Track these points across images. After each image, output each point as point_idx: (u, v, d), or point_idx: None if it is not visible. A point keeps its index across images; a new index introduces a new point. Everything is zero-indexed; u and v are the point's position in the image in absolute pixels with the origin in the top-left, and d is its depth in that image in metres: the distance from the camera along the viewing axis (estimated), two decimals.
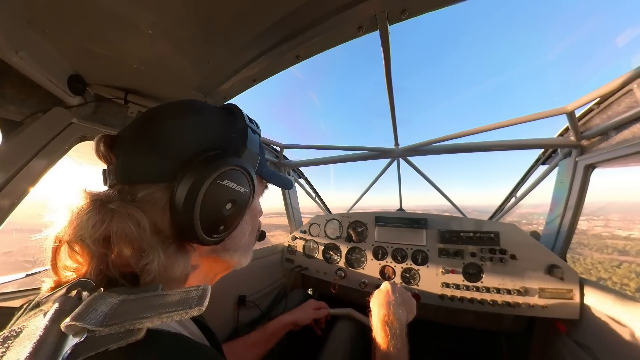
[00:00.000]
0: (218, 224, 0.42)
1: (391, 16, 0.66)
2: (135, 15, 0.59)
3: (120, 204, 0.36)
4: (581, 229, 15.02)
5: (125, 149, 0.40)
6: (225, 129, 0.46)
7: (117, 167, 0.39)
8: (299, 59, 0.81)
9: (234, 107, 0.50)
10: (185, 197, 0.37)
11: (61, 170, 0.85)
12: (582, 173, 1.18)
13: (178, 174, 0.38)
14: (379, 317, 0.74)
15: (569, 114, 1.07)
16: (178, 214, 0.38)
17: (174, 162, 0.38)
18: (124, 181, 0.39)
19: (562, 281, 1.13)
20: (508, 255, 1.26)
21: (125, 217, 0.35)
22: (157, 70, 0.82)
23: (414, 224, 1.52)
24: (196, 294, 0.32)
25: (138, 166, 0.39)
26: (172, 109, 0.44)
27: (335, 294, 1.54)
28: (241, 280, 1.42)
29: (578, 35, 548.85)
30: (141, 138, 0.40)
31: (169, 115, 0.42)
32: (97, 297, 0.29)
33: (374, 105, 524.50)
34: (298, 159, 2.01)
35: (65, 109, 0.80)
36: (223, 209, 0.42)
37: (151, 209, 0.38)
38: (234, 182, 0.42)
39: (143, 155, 0.39)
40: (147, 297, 0.31)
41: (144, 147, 0.39)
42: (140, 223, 0.35)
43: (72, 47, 0.70)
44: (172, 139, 0.40)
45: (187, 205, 0.37)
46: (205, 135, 0.42)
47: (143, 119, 0.43)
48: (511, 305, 1.19)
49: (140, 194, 0.38)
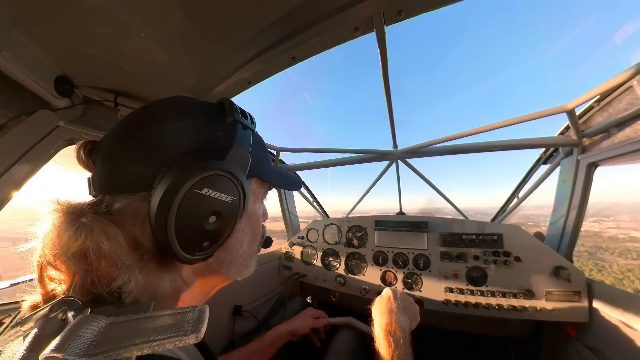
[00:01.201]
0: (200, 240, 0.38)
1: (387, 17, 0.66)
2: (126, 14, 0.58)
3: (93, 217, 0.33)
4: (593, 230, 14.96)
5: (102, 156, 0.38)
6: (212, 127, 0.41)
7: (96, 177, 0.38)
8: (294, 60, 0.81)
9: (224, 100, 0.44)
10: (157, 210, 0.33)
11: (51, 176, 0.83)
12: (585, 171, 1.18)
13: (155, 182, 0.34)
14: (381, 326, 0.71)
15: (569, 112, 1.08)
16: (153, 229, 0.34)
17: (152, 169, 0.34)
18: (100, 191, 0.37)
19: (569, 283, 1.11)
20: (512, 257, 1.25)
21: (99, 232, 0.32)
22: (149, 71, 0.81)
23: (415, 227, 1.50)
24: (192, 317, 0.29)
25: (115, 175, 0.36)
26: (153, 108, 0.40)
27: (335, 302, 1.52)
28: (237, 289, 1.39)
29: (576, 33, 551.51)
30: (118, 143, 0.38)
31: (148, 116, 0.39)
32: (82, 320, 0.27)
33: (371, 107, 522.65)
34: (295, 163, 2.00)
35: (52, 111, 0.79)
36: (205, 222, 0.37)
37: (130, 221, 0.35)
38: (216, 191, 0.37)
39: (120, 162, 0.36)
40: (138, 319, 0.28)
41: (121, 154, 0.37)
42: (115, 238, 0.33)
43: (59, 47, 0.69)
44: (151, 142, 0.36)
45: (159, 220, 0.33)
46: (187, 135, 0.38)
47: (122, 122, 0.40)
48: (517, 309, 1.17)
49: (117, 205, 0.35)
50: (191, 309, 0.30)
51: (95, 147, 0.40)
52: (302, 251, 1.80)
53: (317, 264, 1.71)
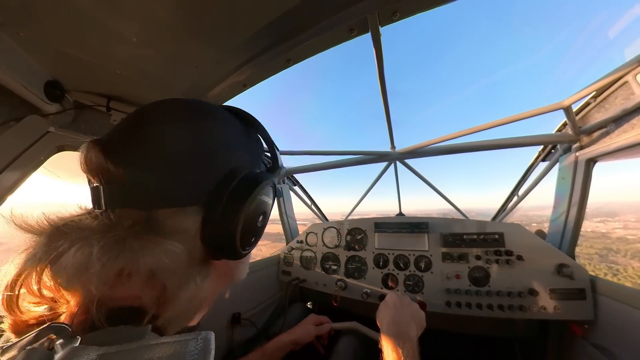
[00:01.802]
0: (252, 237, 0.41)
1: (382, 18, 0.66)
2: (117, 17, 0.57)
3: (147, 238, 0.30)
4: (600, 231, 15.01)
5: (140, 165, 0.33)
6: (251, 142, 0.45)
7: (128, 188, 0.33)
8: (290, 63, 0.81)
9: (252, 117, 0.47)
10: (234, 221, 0.35)
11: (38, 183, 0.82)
12: (584, 168, 1.19)
13: (216, 196, 0.35)
14: (389, 337, 0.70)
15: (566, 109, 1.09)
16: (219, 238, 0.36)
17: (209, 183, 0.35)
18: (143, 206, 0.33)
19: (572, 280, 1.11)
20: (514, 256, 1.24)
21: (158, 253, 0.30)
22: (142, 75, 0.80)
23: (415, 228, 1.50)
24: (195, 347, 0.26)
25: (164, 188, 0.33)
26: (194, 114, 0.38)
27: (336, 307, 1.50)
28: (235, 296, 1.37)
29: (570, 29, 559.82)
30: (162, 150, 0.34)
31: (193, 121, 0.37)
32: (70, 354, 0.24)
33: (368, 108, 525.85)
34: (292, 166, 1.99)
35: (42, 117, 0.78)
36: (257, 222, 0.41)
37: (182, 237, 0.33)
38: (267, 197, 0.42)
39: (169, 175, 0.33)
40: (132, 349, 0.26)
41: (169, 164, 0.33)
42: (176, 256, 0.31)
43: (49, 51, 0.68)
44: (205, 154, 0.36)
45: (234, 228, 0.36)
46: (235, 149, 0.41)
47: (153, 121, 0.36)
48: (522, 308, 1.16)
49: (168, 221, 0.33)
50: (193, 337, 0.27)
51: (112, 150, 0.33)
52: (302, 256, 1.78)
53: (317, 269, 1.70)
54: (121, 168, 0.33)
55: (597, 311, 1.06)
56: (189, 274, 0.34)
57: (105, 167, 0.33)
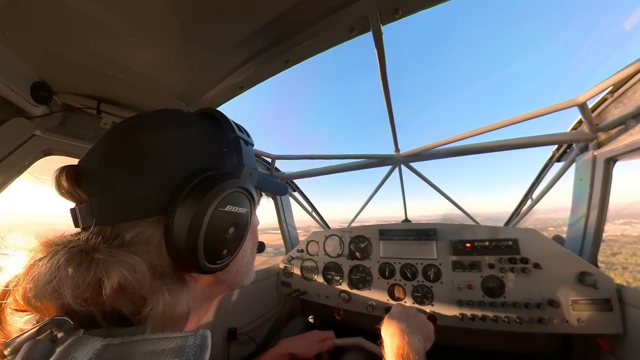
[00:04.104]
0: (221, 250, 0.40)
1: (384, 16, 0.66)
2: (109, 16, 0.57)
3: (108, 252, 0.32)
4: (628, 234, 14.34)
5: (100, 184, 0.36)
6: (213, 143, 0.44)
7: (91, 206, 0.36)
8: (288, 64, 0.81)
9: (216, 112, 0.48)
10: (188, 231, 0.35)
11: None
12: (603, 168, 1.16)
13: (170, 205, 0.35)
14: (392, 350, 0.69)
15: (581, 106, 1.07)
16: (177, 249, 0.35)
17: (164, 192, 0.36)
18: (105, 222, 0.35)
19: (596, 290, 1.07)
20: (531, 264, 1.21)
21: (118, 267, 0.31)
22: (134, 77, 0.80)
23: (422, 235, 1.47)
24: (194, 341, 0.28)
25: (121, 203, 0.35)
26: (147, 125, 0.40)
27: (339, 321, 1.47)
28: (231, 310, 1.34)
29: (583, 21, 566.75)
30: (119, 167, 0.36)
31: (145, 133, 0.38)
32: (76, 341, 0.26)
33: (370, 110, 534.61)
34: (292, 171, 1.98)
35: (27, 119, 0.77)
36: (225, 234, 0.40)
37: (144, 249, 0.35)
38: (235, 206, 0.40)
39: (125, 189, 0.35)
40: (135, 341, 0.28)
41: (125, 179, 0.35)
42: (136, 269, 0.32)
43: (37, 51, 0.68)
44: (157, 163, 0.37)
45: (189, 240, 0.35)
46: (192, 153, 0.40)
47: (113, 140, 0.39)
48: (541, 321, 1.12)
49: (128, 234, 0.35)
50: (192, 333, 0.29)
51: (81, 172, 0.38)
52: (302, 266, 1.76)
53: (319, 279, 1.67)
54: (84, 189, 0.37)
55: (625, 324, 1.02)
56: (154, 288, 0.34)
57: (74, 190, 0.37)
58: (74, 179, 0.37)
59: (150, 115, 0.42)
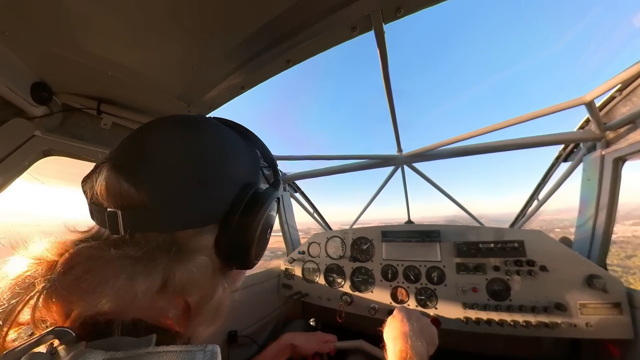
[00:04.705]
0: (263, 248, 0.47)
1: (386, 15, 0.66)
2: (109, 16, 0.57)
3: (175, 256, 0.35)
4: None
5: (159, 189, 0.35)
6: (254, 158, 0.49)
7: (147, 214, 0.35)
8: (290, 63, 0.81)
9: (251, 133, 0.52)
10: (247, 235, 0.41)
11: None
12: (612, 168, 1.15)
13: (230, 215, 0.40)
14: (394, 353, 0.67)
15: (589, 105, 1.06)
16: (234, 249, 0.41)
17: (223, 204, 0.40)
18: (165, 229, 0.36)
19: (605, 294, 1.05)
20: (537, 266, 1.19)
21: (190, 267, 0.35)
22: (135, 77, 0.80)
23: (426, 237, 1.46)
24: (202, 358, 0.28)
25: (183, 212, 0.37)
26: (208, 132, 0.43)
27: (341, 323, 1.46)
28: (230, 312, 1.31)
29: (589, 19, 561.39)
30: (178, 174, 0.37)
31: (209, 142, 0.41)
32: (76, 355, 0.25)
33: (373, 109, 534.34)
34: (293, 172, 1.98)
35: (27, 120, 0.78)
36: (267, 234, 0.47)
37: (203, 253, 0.38)
38: (272, 211, 0.47)
39: (187, 199, 0.37)
40: (139, 355, 0.27)
41: (186, 189, 0.37)
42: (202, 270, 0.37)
43: (37, 51, 0.68)
44: (220, 173, 0.40)
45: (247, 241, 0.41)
46: (243, 167, 0.45)
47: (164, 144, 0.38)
48: (548, 326, 1.11)
49: (190, 242, 0.37)
50: (200, 349, 0.29)
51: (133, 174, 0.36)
52: (304, 267, 1.75)
53: (320, 282, 1.67)
54: (142, 193, 0.35)
55: (637, 329, 1.00)
56: (214, 283, 0.40)
57: (126, 193, 0.34)
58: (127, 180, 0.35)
59: (201, 122, 0.44)
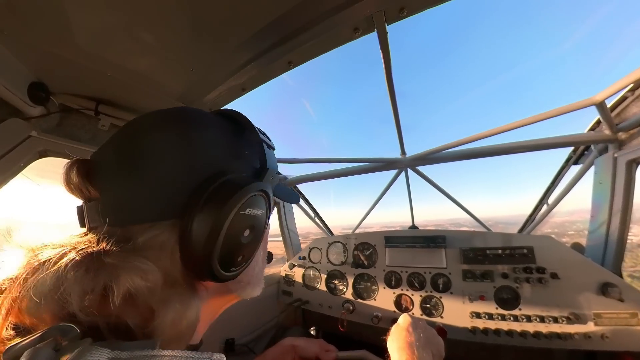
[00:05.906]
0: (237, 256, 0.39)
1: (389, 15, 0.66)
2: (108, 17, 0.58)
3: (120, 256, 0.30)
4: None
5: (113, 180, 0.35)
6: (236, 144, 0.43)
7: (103, 205, 0.34)
8: (291, 65, 0.81)
9: (237, 115, 0.47)
10: (208, 236, 0.33)
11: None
12: (625, 170, 1.13)
13: (189, 208, 0.34)
14: None
15: (599, 105, 1.04)
16: (194, 255, 0.34)
17: (182, 193, 0.35)
18: (117, 222, 0.34)
19: (621, 303, 1.02)
20: (548, 274, 1.17)
21: (130, 273, 0.30)
22: (133, 78, 0.81)
23: (431, 242, 1.45)
24: None
25: (136, 202, 0.34)
26: (166, 122, 0.39)
27: (343, 333, 1.44)
28: (228, 320, 1.32)
29: (598, 17, 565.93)
30: (134, 165, 0.35)
31: (164, 131, 0.38)
32: (83, 351, 0.24)
33: (375, 112, 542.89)
34: (294, 175, 1.98)
35: (23, 120, 0.78)
36: (242, 239, 0.39)
37: (157, 254, 0.33)
38: (254, 208, 0.39)
39: (140, 188, 0.34)
40: (144, 356, 0.26)
41: (141, 178, 0.35)
42: (149, 276, 0.31)
43: (35, 51, 0.69)
44: (176, 163, 0.36)
45: (208, 245, 0.34)
46: (214, 153, 0.39)
47: (128, 137, 0.38)
48: (561, 336, 1.08)
49: (141, 238, 0.33)
50: (207, 357, 0.29)
51: (93, 168, 0.36)
52: (304, 274, 1.74)
53: (321, 288, 1.65)
54: (97, 186, 0.35)
55: None
56: (166, 296, 0.32)
57: (85, 186, 0.35)
58: (86, 174, 0.35)
59: (170, 112, 0.41)
